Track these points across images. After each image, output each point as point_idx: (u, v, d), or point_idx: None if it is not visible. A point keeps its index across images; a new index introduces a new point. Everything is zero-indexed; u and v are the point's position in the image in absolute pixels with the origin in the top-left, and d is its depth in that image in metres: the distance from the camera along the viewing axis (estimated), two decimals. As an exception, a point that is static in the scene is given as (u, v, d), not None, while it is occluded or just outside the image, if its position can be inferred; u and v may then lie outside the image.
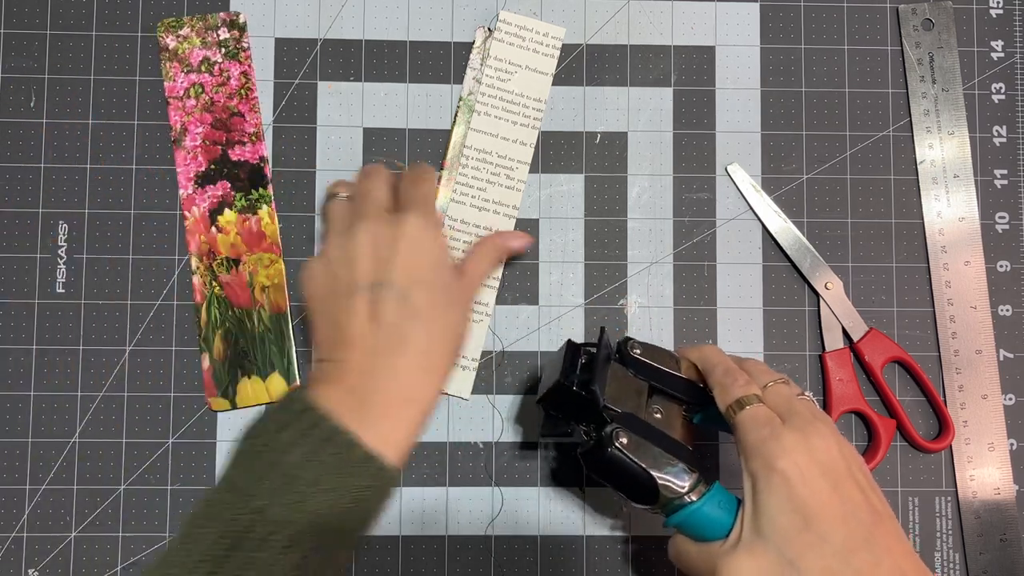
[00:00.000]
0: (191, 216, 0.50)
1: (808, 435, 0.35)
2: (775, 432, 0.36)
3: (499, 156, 0.50)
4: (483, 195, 0.50)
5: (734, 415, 0.38)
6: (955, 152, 0.52)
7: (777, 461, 0.35)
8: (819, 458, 0.35)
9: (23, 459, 0.49)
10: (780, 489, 0.34)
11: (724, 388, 0.39)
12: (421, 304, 0.38)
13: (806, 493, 0.34)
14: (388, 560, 0.49)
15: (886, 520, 0.35)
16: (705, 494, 0.38)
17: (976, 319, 0.51)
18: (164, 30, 0.51)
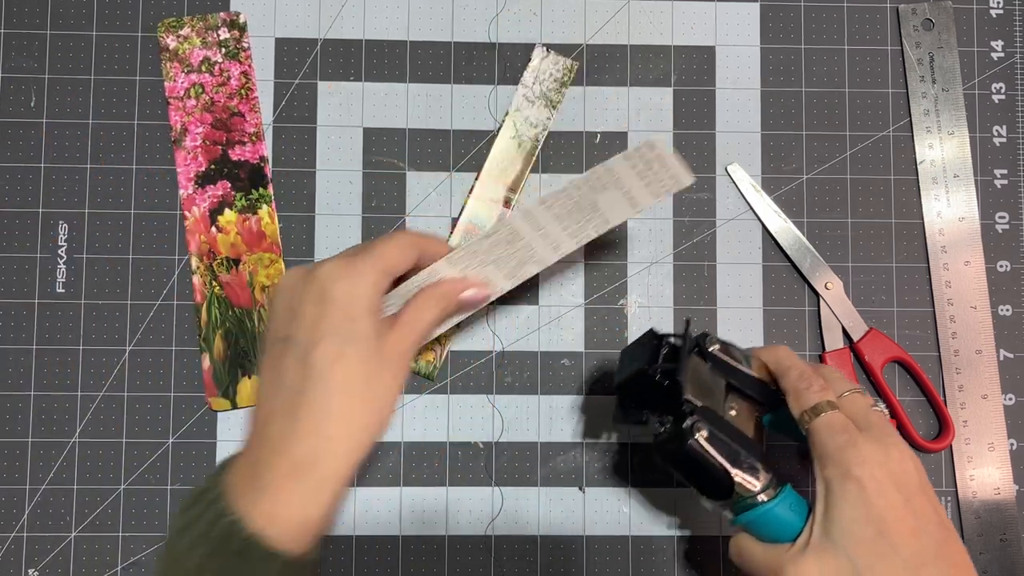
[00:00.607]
0: (191, 216, 0.50)
1: (886, 446, 0.35)
2: (852, 440, 0.35)
3: (525, 247, 0.43)
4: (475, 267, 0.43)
5: (809, 421, 0.37)
6: (955, 152, 0.52)
7: (854, 469, 0.34)
8: (894, 470, 0.35)
9: (23, 459, 0.49)
10: (855, 497, 0.34)
11: (799, 393, 0.39)
12: (324, 361, 0.35)
13: (881, 504, 0.34)
14: (388, 560, 0.49)
15: (953, 537, 0.35)
16: (777, 495, 0.37)
17: (976, 319, 0.51)
18: (164, 30, 0.51)
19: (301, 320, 0.36)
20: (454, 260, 0.42)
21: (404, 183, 0.51)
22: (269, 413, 0.35)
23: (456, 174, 0.51)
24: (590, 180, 0.41)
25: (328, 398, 0.34)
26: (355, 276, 0.36)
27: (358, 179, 0.51)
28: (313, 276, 0.36)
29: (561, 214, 0.42)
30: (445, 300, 0.40)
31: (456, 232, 0.51)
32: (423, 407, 0.50)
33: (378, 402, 0.36)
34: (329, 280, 0.36)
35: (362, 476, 0.49)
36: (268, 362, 0.36)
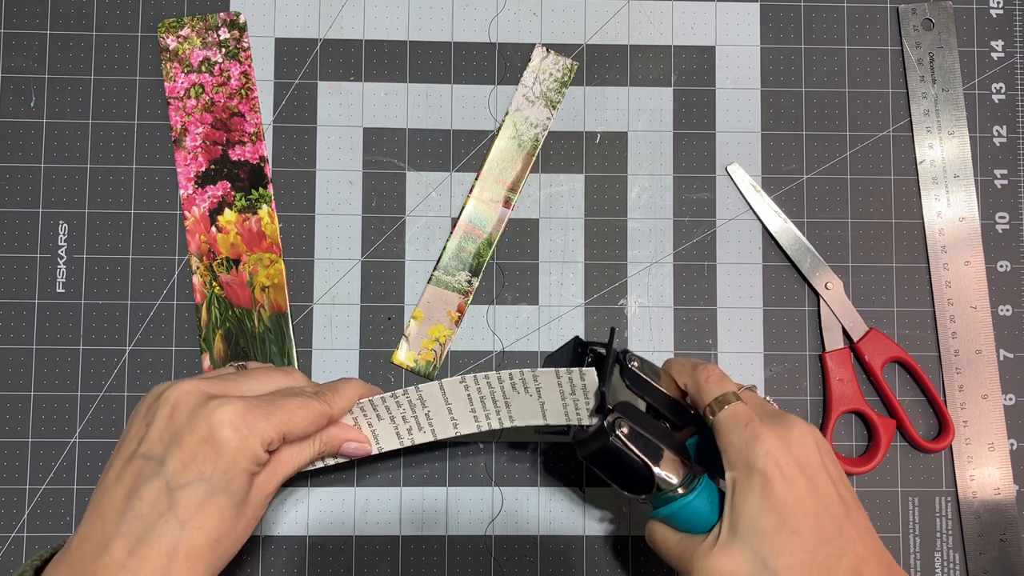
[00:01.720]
0: (191, 216, 0.50)
1: (787, 430, 0.36)
2: (756, 432, 0.36)
3: (425, 416, 0.43)
4: (370, 417, 0.43)
5: (715, 413, 0.38)
6: (955, 152, 0.52)
7: (758, 462, 0.35)
8: (796, 454, 0.36)
9: (23, 459, 0.49)
10: (759, 490, 0.35)
11: (700, 385, 0.40)
12: (189, 504, 0.34)
13: (783, 491, 0.35)
14: (388, 560, 0.49)
15: (854, 511, 0.36)
16: (695, 488, 0.38)
17: (976, 319, 0.51)
18: (165, 30, 0.51)
19: (179, 449, 0.35)
20: (354, 407, 0.42)
21: (404, 183, 0.51)
22: (111, 531, 0.34)
23: (456, 174, 0.51)
24: (514, 379, 0.41)
25: (179, 541, 0.34)
26: (249, 434, 0.36)
27: (358, 179, 0.51)
28: (208, 410, 0.36)
29: (474, 397, 0.42)
30: (325, 446, 0.41)
31: (456, 232, 0.51)
32: (423, 407, 0.50)
33: (224, 553, 0.36)
34: (223, 425, 0.35)
35: (362, 476, 0.49)
36: (128, 472, 0.35)
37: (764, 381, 0.51)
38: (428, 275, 0.51)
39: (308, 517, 0.49)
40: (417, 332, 0.50)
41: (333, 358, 0.50)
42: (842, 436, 0.50)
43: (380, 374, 0.50)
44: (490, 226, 0.51)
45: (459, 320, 0.50)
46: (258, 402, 0.37)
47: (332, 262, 0.50)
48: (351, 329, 0.50)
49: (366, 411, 0.42)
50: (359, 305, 0.50)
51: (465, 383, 0.42)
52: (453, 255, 0.51)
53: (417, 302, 0.50)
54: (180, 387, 0.37)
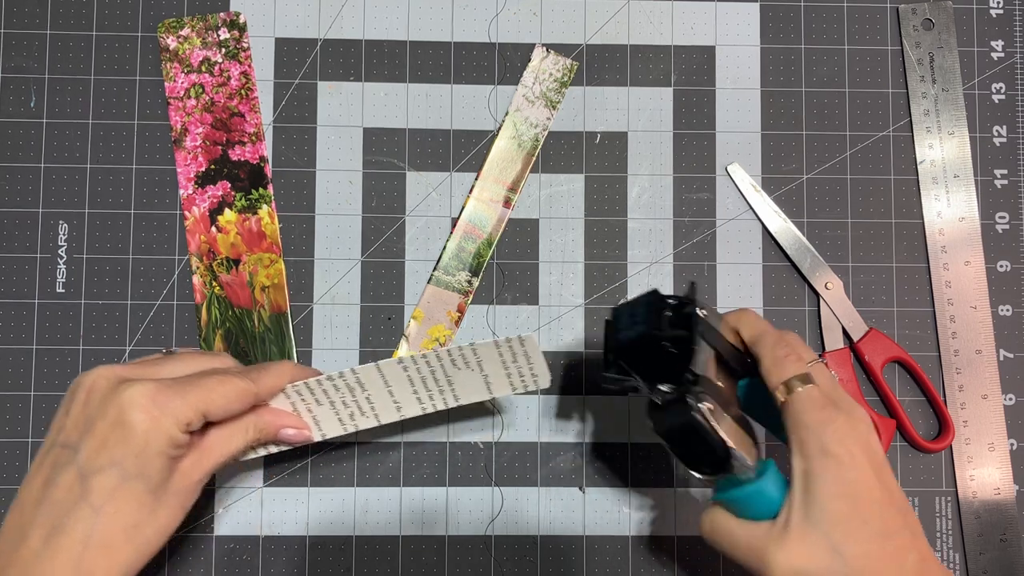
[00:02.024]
0: (191, 216, 0.50)
1: (855, 420, 0.36)
2: (831, 416, 0.35)
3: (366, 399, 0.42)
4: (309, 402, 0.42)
5: (787, 393, 0.37)
6: (955, 152, 0.52)
7: (832, 446, 0.35)
8: (865, 444, 0.35)
9: (23, 459, 0.49)
10: (833, 475, 0.34)
11: (777, 361, 0.38)
12: (101, 490, 0.34)
13: (855, 478, 0.34)
14: (388, 560, 0.49)
15: (911, 509, 0.36)
16: (765, 471, 0.37)
17: (976, 319, 0.51)
18: (165, 31, 0.51)
19: (91, 435, 0.35)
20: (290, 391, 0.41)
21: (404, 183, 0.51)
22: (28, 520, 0.34)
23: (456, 174, 0.51)
24: (453, 355, 0.40)
25: (93, 528, 0.34)
26: (161, 414, 0.35)
27: (358, 179, 0.51)
28: (117, 393, 0.35)
29: (414, 378, 0.41)
30: (259, 432, 0.40)
31: (456, 232, 0.51)
32: (423, 407, 0.50)
33: (144, 542, 0.35)
34: (132, 407, 0.35)
35: (362, 476, 0.49)
36: (46, 462, 0.35)
37: (764, 381, 0.51)
38: (428, 275, 0.51)
39: (308, 517, 0.49)
40: (417, 332, 0.50)
41: (333, 358, 0.50)
42: (842, 436, 0.50)
43: (380, 374, 0.50)
44: (490, 226, 0.51)
45: (459, 320, 0.50)
46: (172, 382, 0.36)
47: (332, 262, 0.50)
48: (351, 329, 0.50)
49: (303, 395, 0.41)
50: (359, 305, 0.50)
51: (403, 364, 0.41)
52: (453, 255, 0.51)
53: (417, 302, 0.50)
54: (95, 372, 0.36)
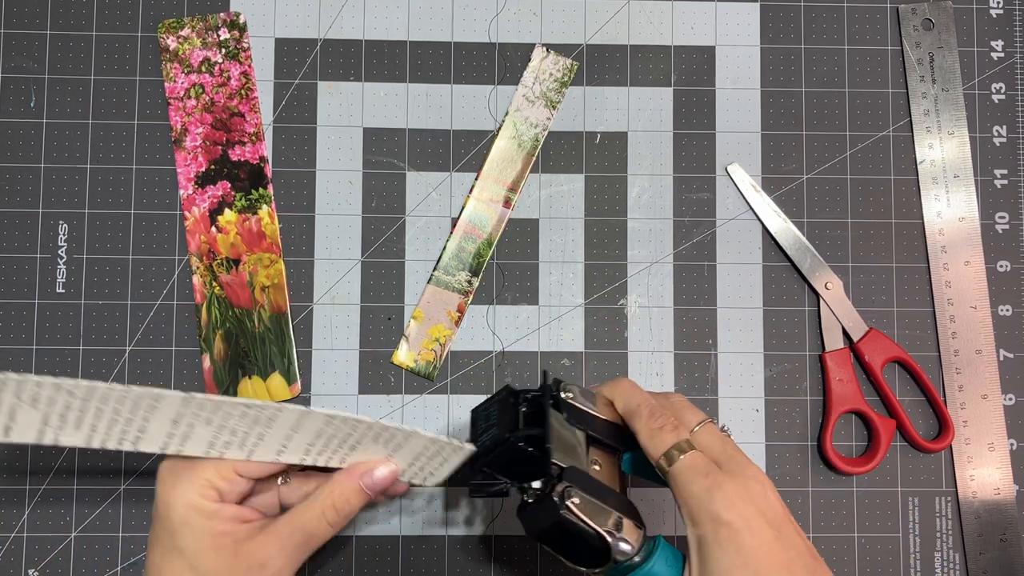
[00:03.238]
0: (191, 216, 0.50)
1: (747, 480, 0.34)
2: (717, 482, 0.34)
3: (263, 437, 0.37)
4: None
5: (668, 465, 0.35)
6: (955, 152, 0.52)
7: (723, 514, 0.33)
8: (760, 504, 0.34)
9: (23, 459, 0.49)
10: (729, 544, 0.33)
11: (652, 434, 0.37)
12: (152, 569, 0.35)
13: (754, 544, 0.33)
14: (388, 560, 0.48)
15: (820, 564, 0.34)
16: (653, 553, 0.35)
17: (976, 319, 0.51)
18: (165, 31, 0.51)
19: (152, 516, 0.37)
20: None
21: (404, 183, 0.51)
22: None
23: (456, 174, 0.51)
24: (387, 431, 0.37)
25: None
26: (179, 483, 0.35)
27: (358, 179, 0.51)
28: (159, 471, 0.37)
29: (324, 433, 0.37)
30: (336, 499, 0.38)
31: (456, 232, 0.51)
32: (423, 407, 0.50)
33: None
34: (160, 483, 0.36)
35: (362, 476, 0.49)
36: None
37: (764, 381, 0.51)
38: (428, 275, 0.51)
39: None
40: (417, 332, 0.50)
41: (333, 358, 0.50)
42: (842, 436, 0.50)
43: (380, 374, 0.50)
44: (490, 226, 0.51)
45: (459, 320, 0.50)
46: None
47: (332, 262, 0.50)
48: (351, 329, 0.50)
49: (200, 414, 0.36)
50: (359, 305, 0.50)
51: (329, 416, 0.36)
52: (453, 255, 0.51)
53: (417, 302, 0.50)
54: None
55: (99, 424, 0.35)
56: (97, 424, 0.35)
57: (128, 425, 0.35)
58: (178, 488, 0.36)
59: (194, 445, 0.36)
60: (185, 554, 0.35)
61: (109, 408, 0.34)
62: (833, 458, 0.49)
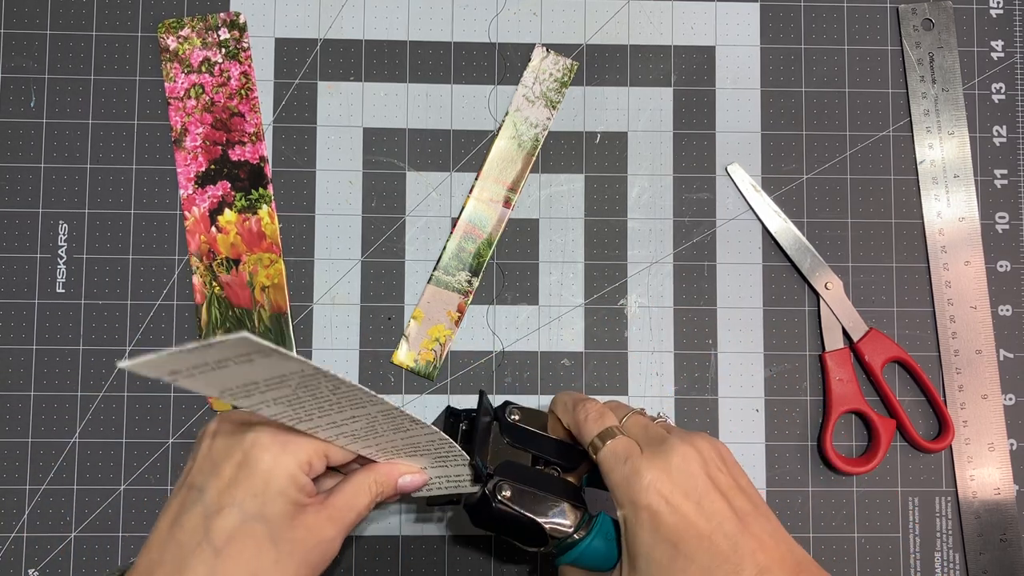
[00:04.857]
0: (191, 216, 0.50)
1: (668, 455, 0.36)
2: (636, 466, 0.36)
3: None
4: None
5: (595, 452, 0.38)
6: (955, 152, 0.52)
7: (641, 498, 0.35)
8: (679, 479, 0.35)
9: (23, 459, 0.49)
10: (649, 524, 0.35)
11: (580, 424, 0.39)
12: (222, 531, 0.33)
13: (672, 521, 0.34)
14: (388, 560, 0.48)
15: (752, 519, 0.35)
16: (592, 528, 0.38)
17: (976, 319, 0.51)
18: (165, 31, 0.51)
19: (218, 477, 0.35)
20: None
21: (404, 183, 0.51)
22: (155, 560, 0.34)
23: (456, 174, 0.51)
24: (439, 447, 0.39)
25: (214, 570, 0.33)
26: (285, 451, 0.35)
27: (358, 179, 0.51)
28: (242, 434, 0.35)
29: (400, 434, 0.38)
30: (380, 486, 0.39)
31: (456, 232, 0.51)
32: (423, 407, 0.50)
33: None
34: (257, 447, 0.35)
35: (362, 476, 0.49)
36: (174, 503, 0.35)
37: (764, 381, 0.51)
38: (428, 275, 0.51)
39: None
40: (417, 332, 0.50)
41: (333, 358, 0.50)
42: (842, 436, 0.50)
43: (380, 374, 0.50)
44: (490, 226, 0.51)
45: (459, 320, 0.50)
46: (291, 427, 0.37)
47: (332, 262, 0.50)
48: (351, 329, 0.50)
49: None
50: (359, 305, 0.50)
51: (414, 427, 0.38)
52: (453, 255, 0.51)
53: (417, 302, 0.50)
54: (217, 418, 0.37)
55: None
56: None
57: (316, 411, 0.35)
58: (285, 455, 0.35)
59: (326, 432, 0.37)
60: (270, 524, 0.34)
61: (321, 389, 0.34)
62: (833, 458, 0.49)
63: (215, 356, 0.29)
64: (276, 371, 0.31)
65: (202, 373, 0.29)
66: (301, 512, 0.35)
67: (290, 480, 0.35)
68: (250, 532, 0.34)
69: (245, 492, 0.34)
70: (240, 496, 0.34)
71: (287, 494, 0.35)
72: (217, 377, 0.30)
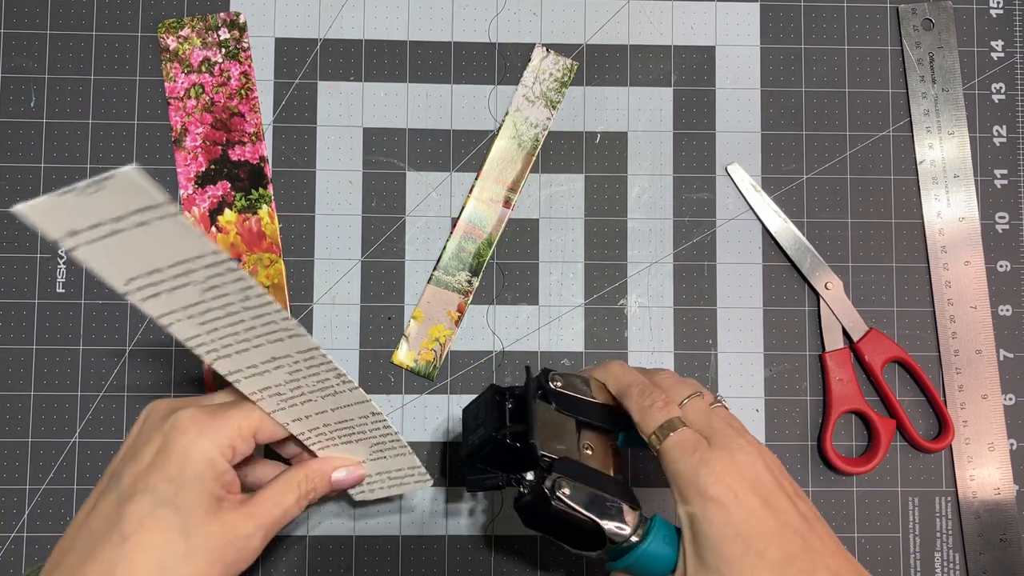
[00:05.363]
0: (191, 216, 0.50)
1: (733, 452, 0.35)
2: (704, 458, 0.35)
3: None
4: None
5: (659, 442, 0.36)
6: (955, 152, 0.52)
7: (710, 489, 0.34)
8: (747, 475, 0.34)
9: (23, 459, 0.49)
10: (717, 517, 0.33)
11: (644, 412, 0.37)
12: (132, 517, 0.32)
13: (742, 515, 0.33)
14: (388, 560, 0.48)
15: (816, 524, 0.35)
16: (648, 532, 0.36)
17: (976, 319, 0.51)
18: (165, 31, 0.51)
19: (136, 462, 0.34)
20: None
21: (404, 183, 0.51)
22: (67, 547, 0.33)
23: (456, 174, 0.51)
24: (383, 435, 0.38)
25: (119, 558, 0.31)
26: (204, 435, 0.34)
27: (358, 179, 0.51)
28: (166, 420, 0.34)
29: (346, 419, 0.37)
30: (311, 482, 0.38)
31: (456, 232, 0.51)
32: (423, 407, 0.50)
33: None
34: (176, 431, 0.34)
35: (362, 476, 0.49)
36: (94, 492, 0.34)
37: (764, 381, 0.51)
38: (428, 275, 0.51)
39: (308, 517, 0.49)
40: (417, 332, 0.50)
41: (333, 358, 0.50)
42: (842, 436, 0.50)
43: (380, 374, 0.50)
44: (490, 226, 0.51)
45: (459, 320, 0.50)
46: (218, 405, 0.36)
47: (332, 262, 0.50)
48: (351, 329, 0.50)
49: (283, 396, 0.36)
50: (359, 305, 0.50)
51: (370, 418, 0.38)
52: (453, 255, 0.51)
53: (417, 302, 0.50)
54: (152, 404, 0.36)
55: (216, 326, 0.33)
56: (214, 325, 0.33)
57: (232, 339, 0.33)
58: (203, 439, 0.34)
59: (251, 384, 0.35)
60: (180, 511, 0.33)
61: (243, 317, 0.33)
62: (833, 458, 0.49)
63: (107, 203, 0.27)
64: (179, 251, 0.29)
65: (101, 239, 0.28)
66: (218, 505, 0.34)
67: (208, 465, 0.34)
68: (160, 519, 0.32)
69: (160, 477, 0.33)
70: (154, 480, 0.33)
71: (203, 480, 0.33)
72: (117, 250, 0.29)
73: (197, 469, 0.33)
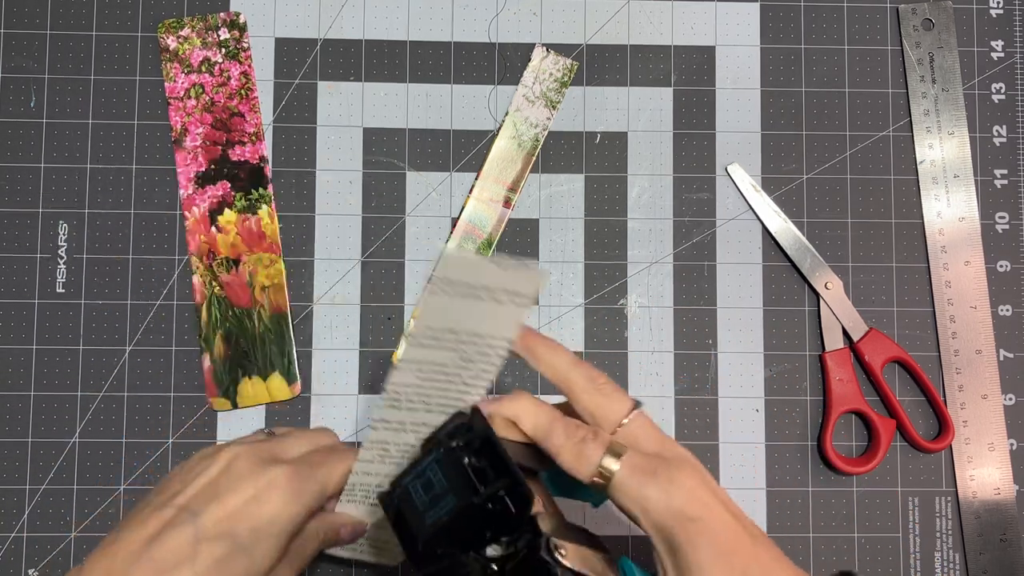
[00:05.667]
0: (191, 216, 0.50)
1: (685, 460, 0.33)
2: (669, 478, 0.31)
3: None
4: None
5: (608, 479, 0.32)
6: (955, 152, 0.52)
7: (687, 509, 0.31)
8: (708, 483, 0.32)
9: (23, 459, 0.49)
10: (701, 539, 0.31)
11: (578, 452, 0.33)
12: (208, 558, 0.33)
13: (722, 532, 0.31)
14: (388, 560, 0.48)
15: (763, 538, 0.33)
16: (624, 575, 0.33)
17: (976, 319, 0.51)
18: (165, 31, 0.51)
19: (219, 505, 0.35)
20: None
21: (404, 183, 0.51)
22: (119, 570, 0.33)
23: (456, 174, 0.51)
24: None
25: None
26: (297, 498, 0.36)
27: (358, 179, 0.51)
28: (260, 473, 0.36)
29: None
30: (326, 535, 0.39)
31: (456, 232, 0.51)
32: (423, 407, 0.50)
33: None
34: (273, 489, 0.36)
35: (362, 476, 0.49)
36: (154, 519, 0.34)
37: (764, 381, 0.51)
38: (428, 275, 0.51)
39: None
40: (417, 332, 0.50)
41: (333, 358, 0.50)
42: (842, 436, 0.50)
43: (380, 374, 0.50)
44: (490, 226, 0.51)
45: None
46: (304, 466, 0.37)
47: (332, 262, 0.50)
48: (351, 329, 0.50)
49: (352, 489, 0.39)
50: (359, 305, 0.50)
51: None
52: (453, 255, 0.51)
53: (417, 302, 0.50)
54: (232, 449, 0.37)
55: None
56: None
57: (419, 398, 0.36)
58: (294, 504, 0.36)
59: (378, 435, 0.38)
60: (254, 560, 0.35)
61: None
62: (833, 458, 0.49)
63: (498, 277, 0.32)
64: (494, 329, 0.34)
65: (464, 296, 0.32)
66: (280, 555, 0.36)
67: (292, 526, 0.36)
68: (232, 564, 0.34)
69: (246, 526, 0.35)
70: (240, 529, 0.34)
71: (280, 539, 0.36)
72: (460, 307, 0.33)
73: (282, 527, 0.36)
